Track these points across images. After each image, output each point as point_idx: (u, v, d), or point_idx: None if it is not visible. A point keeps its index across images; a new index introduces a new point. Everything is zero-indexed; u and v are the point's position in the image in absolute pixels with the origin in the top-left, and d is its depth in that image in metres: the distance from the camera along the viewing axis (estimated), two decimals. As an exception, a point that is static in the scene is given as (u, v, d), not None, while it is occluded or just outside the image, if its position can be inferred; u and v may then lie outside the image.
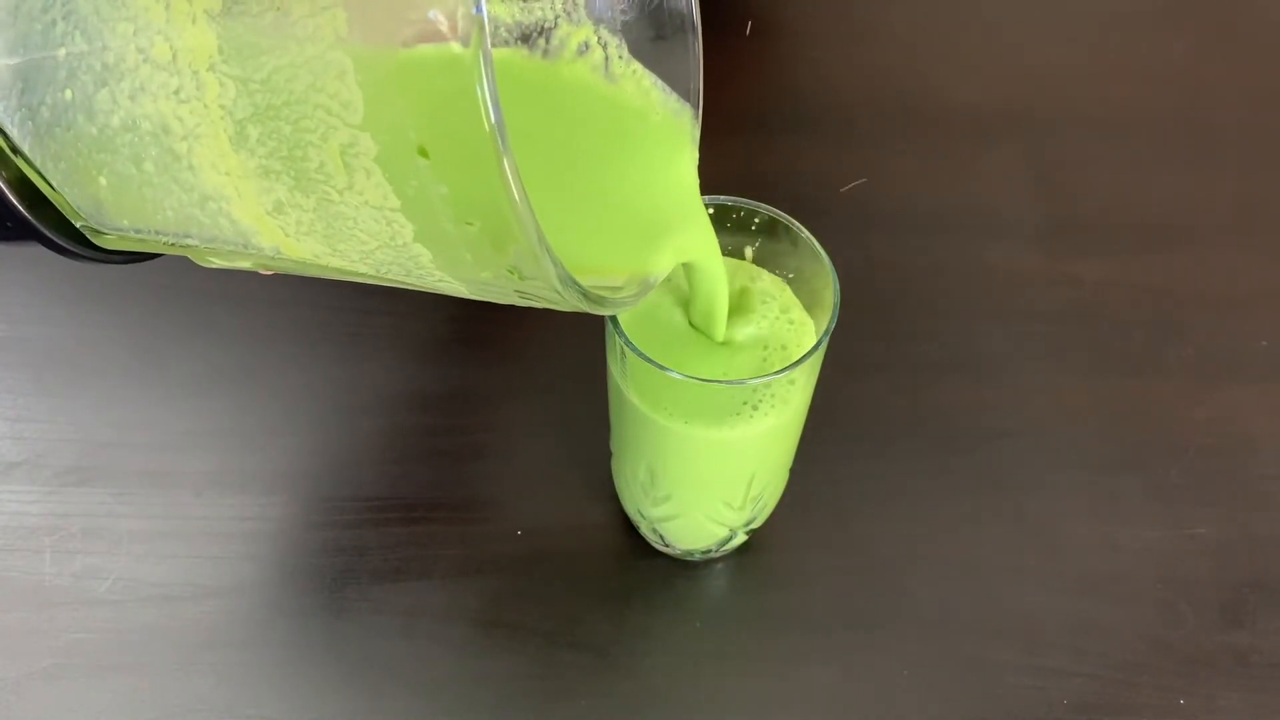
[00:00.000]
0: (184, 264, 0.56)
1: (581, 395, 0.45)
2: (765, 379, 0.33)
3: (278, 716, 0.40)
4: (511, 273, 0.21)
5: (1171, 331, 0.52)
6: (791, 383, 0.34)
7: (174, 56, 0.21)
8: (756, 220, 0.37)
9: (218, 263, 0.27)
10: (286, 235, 0.23)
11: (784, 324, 0.36)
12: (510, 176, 0.18)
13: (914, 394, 0.49)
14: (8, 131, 0.25)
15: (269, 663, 0.41)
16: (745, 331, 0.36)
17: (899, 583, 0.44)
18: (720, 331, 0.35)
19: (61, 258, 0.27)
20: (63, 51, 0.23)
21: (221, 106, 0.21)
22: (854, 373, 0.48)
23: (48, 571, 0.43)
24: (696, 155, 0.32)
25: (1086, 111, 0.62)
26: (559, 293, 0.22)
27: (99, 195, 0.25)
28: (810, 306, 0.37)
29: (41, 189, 0.26)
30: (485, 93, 0.18)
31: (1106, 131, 0.61)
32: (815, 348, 0.33)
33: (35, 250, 0.27)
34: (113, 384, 0.49)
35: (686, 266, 0.33)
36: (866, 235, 0.55)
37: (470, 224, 0.20)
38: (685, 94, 0.32)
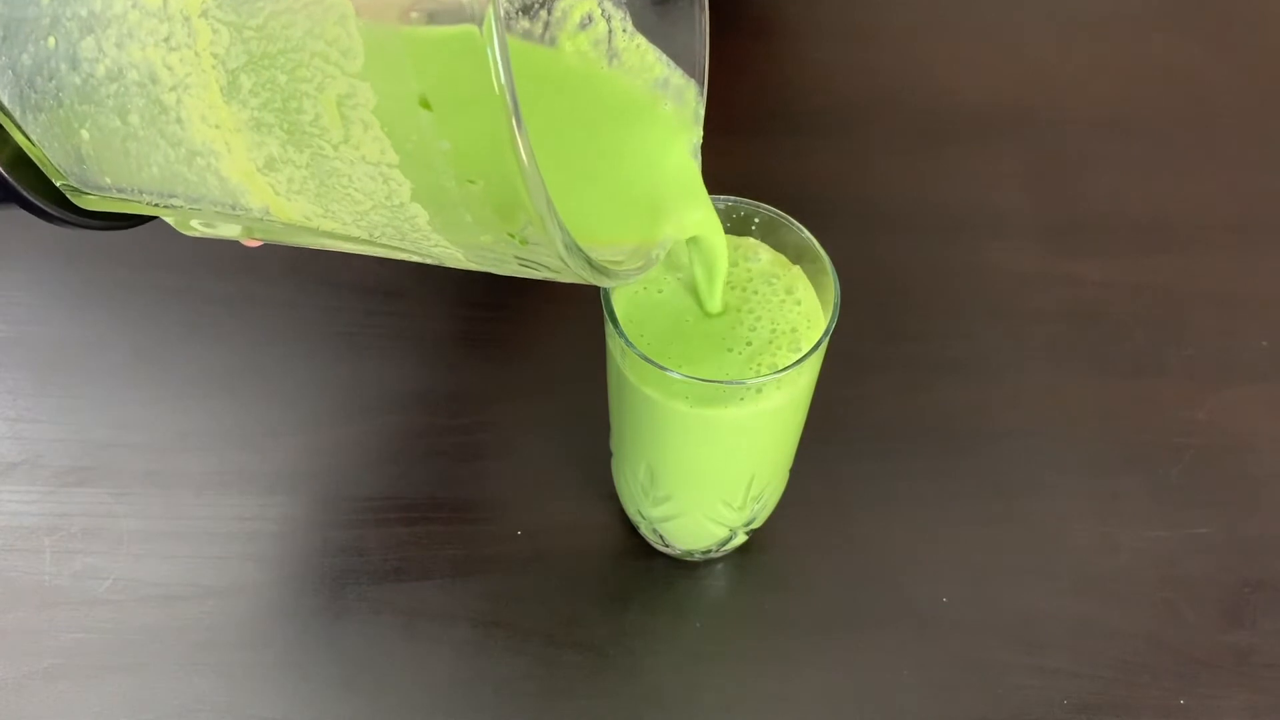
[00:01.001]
0: (185, 264, 0.56)
1: (581, 395, 0.45)
2: (766, 379, 0.33)
3: (278, 716, 0.40)
4: (513, 237, 0.20)
5: (1171, 331, 0.52)
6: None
7: (164, 1, 0.20)
8: (756, 220, 0.37)
9: (200, 229, 0.26)
10: (277, 194, 0.22)
11: (790, 305, 0.36)
12: (518, 132, 0.18)
13: (914, 394, 0.49)
14: None
15: (269, 663, 0.41)
16: (741, 304, 0.36)
17: (899, 583, 0.44)
18: (716, 304, 0.35)
19: (45, 222, 0.26)
20: None
21: (214, 55, 0.20)
22: (854, 373, 0.48)
23: (48, 571, 0.43)
24: (700, 131, 0.32)
25: (1086, 111, 0.62)
26: (563, 260, 0.21)
27: (81, 150, 0.24)
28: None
29: (20, 144, 0.24)
30: (495, 46, 0.17)
31: (1106, 131, 0.61)
32: (815, 348, 0.33)
33: (35, 250, 0.27)
34: (113, 384, 0.49)
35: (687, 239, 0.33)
36: (866, 235, 0.55)
37: (473, 182, 0.19)
38: (690, 69, 0.31)
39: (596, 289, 0.34)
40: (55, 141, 0.24)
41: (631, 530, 0.44)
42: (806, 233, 0.36)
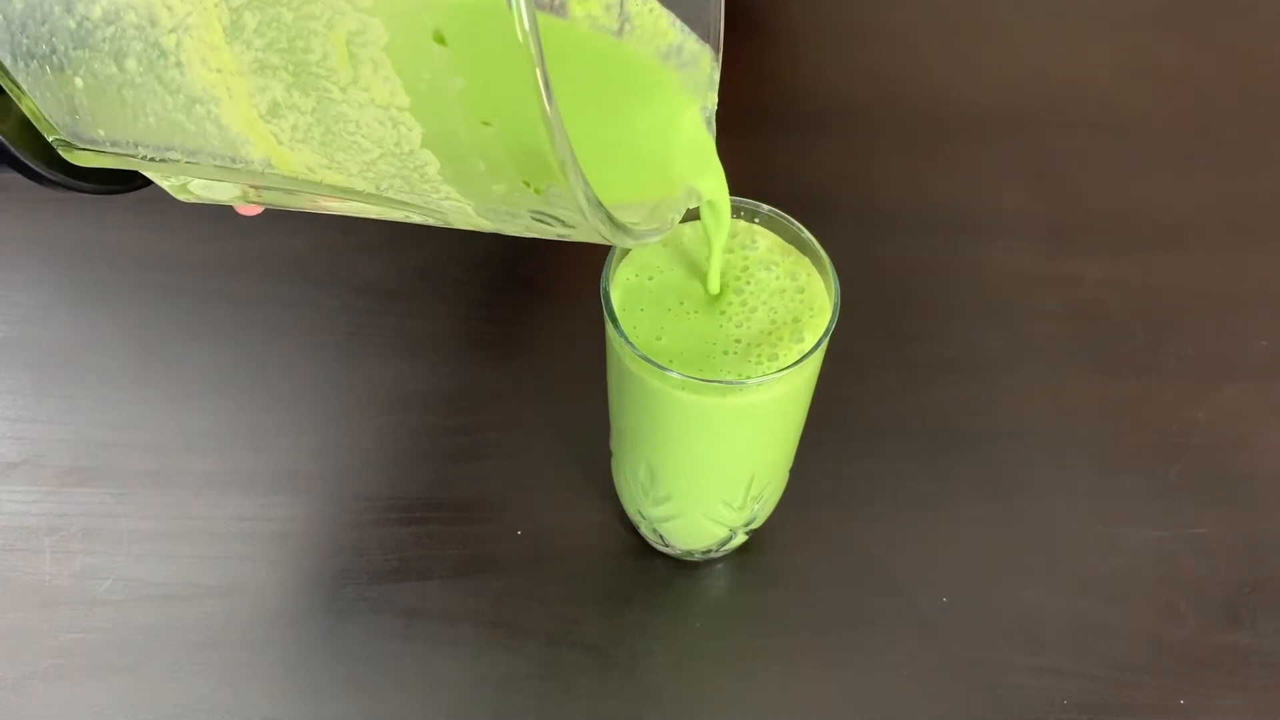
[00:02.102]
0: (185, 264, 0.56)
1: (581, 395, 0.45)
2: (766, 379, 0.33)
3: (278, 716, 0.40)
4: (528, 185, 0.19)
5: (1171, 331, 0.52)
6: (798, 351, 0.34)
7: None
8: (756, 219, 0.37)
9: (197, 193, 0.25)
10: (280, 143, 0.21)
11: (793, 293, 0.36)
12: (539, 66, 0.17)
13: (914, 394, 0.49)
14: None
15: (269, 663, 0.41)
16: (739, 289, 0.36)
17: (899, 583, 0.44)
18: (715, 278, 0.35)
19: (39, 184, 0.25)
20: None
21: None
22: (854, 373, 0.48)
23: (48, 571, 0.43)
24: (714, 97, 0.31)
25: (1086, 111, 0.62)
26: (583, 212, 0.19)
27: (74, 100, 0.23)
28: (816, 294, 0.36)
29: (11, 94, 0.23)
30: None
31: (1106, 131, 0.61)
32: (815, 348, 0.33)
33: (35, 250, 0.27)
34: (113, 384, 0.49)
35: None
36: (866, 235, 0.55)
37: (488, 124, 0.18)
38: (705, 35, 0.30)
39: (597, 284, 0.34)
40: (47, 91, 0.23)
41: (631, 530, 0.44)
42: (807, 233, 0.36)
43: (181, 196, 0.26)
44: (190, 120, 0.22)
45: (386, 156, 0.20)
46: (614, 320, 0.34)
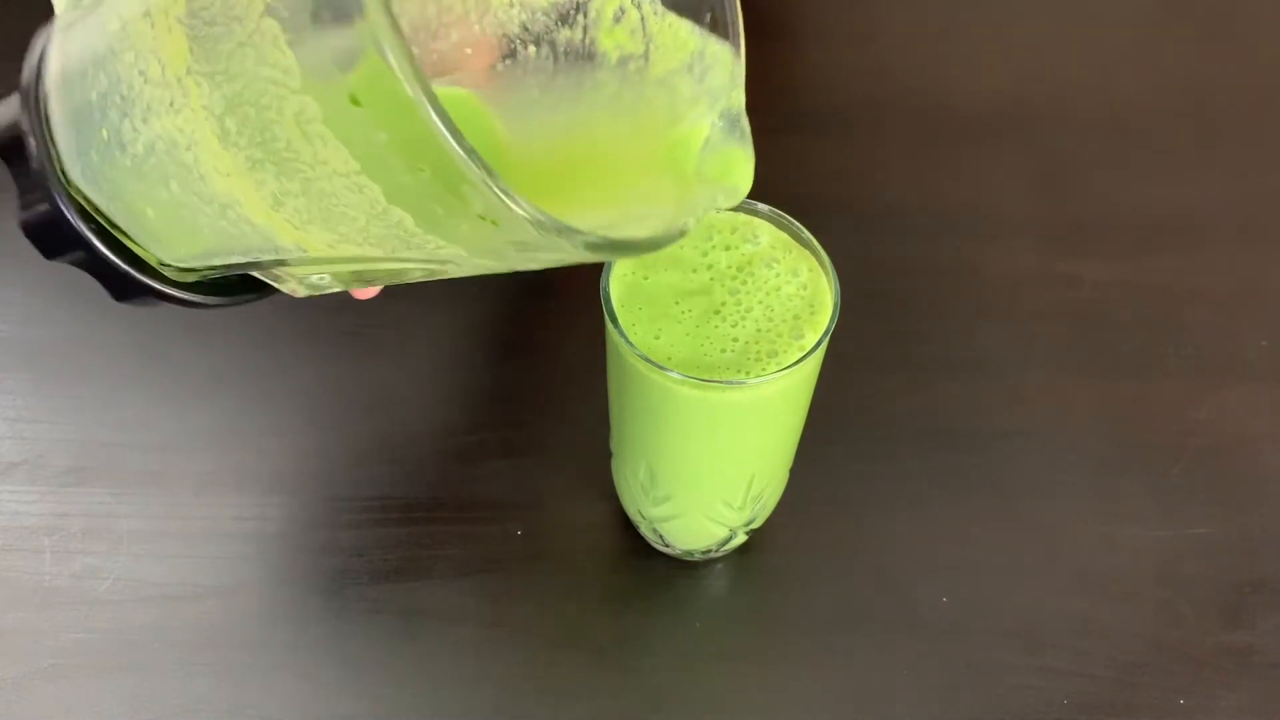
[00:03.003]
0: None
1: (581, 395, 0.45)
2: (766, 378, 0.33)
3: (278, 716, 0.40)
4: (483, 219, 0.20)
5: (1171, 331, 0.52)
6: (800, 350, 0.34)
7: (162, 70, 0.22)
8: (756, 220, 0.37)
9: (302, 290, 0.28)
10: (296, 228, 0.23)
11: (794, 291, 0.36)
12: (422, 97, 0.18)
13: (914, 394, 0.49)
14: (84, 190, 0.26)
15: (269, 663, 0.41)
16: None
17: (899, 583, 0.44)
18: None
19: (180, 308, 0.28)
20: (94, 94, 0.24)
21: (204, 107, 0.22)
22: (854, 373, 0.48)
23: (48, 571, 0.43)
24: (741, 95, 0.32)
25: (1086, 111, 0.62)
26: (537, 232, 0.20)
27: (152, 228, 0.26)
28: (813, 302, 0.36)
29: (118, 235, 0.27)
30: (382, 18, 0.17)
31: (1106, 131, 0.61)
32: (815, 347, 0.33)
33: (35, 250, 0.28)
34: (113, 384, 0.49)
35: None
36: (866, 235, 0.55)
37: (421, 170, 0.20)
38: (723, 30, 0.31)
39: (597, 284, 0.35)
40: (132, 223, 0.26)
41: (631, 530, 0.44)
42: (807, 233, 0.36)
43: (301, 293, 0.29)
44: (230, 224, 0.24)
45: (372, 220, 0.22)
46: (614, 319, 0.34)
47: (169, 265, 0.27)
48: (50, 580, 0.43)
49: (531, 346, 0.51)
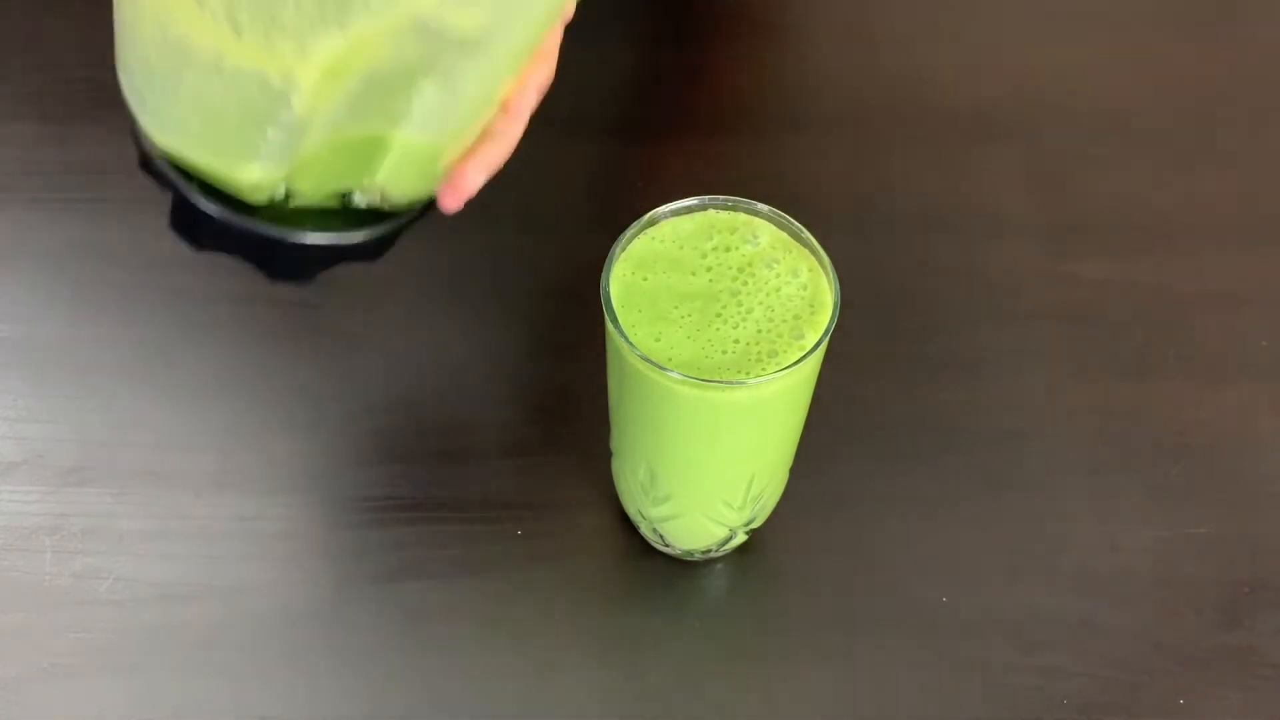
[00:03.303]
0: (185, 264, 0.56)
1: (582, 395, 0.45)
2: (766, 379, 0.33)
3: (278, 716, 0.40)
4: None
5: (1171, 331, 0.52)
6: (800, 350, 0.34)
7: None
8: (757, 220, 0.37)
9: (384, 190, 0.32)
10: (265, 50, 0.26)
11: (795, 290, 0.36)
12: None
13: (914, 394, 0.49)
14: (167, 144, 0.28)
15: (269, 663, 0.41)
16: None
17: (899, 583, 0.44)
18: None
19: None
20: (135, 45, 0.27)
21: None
22: (854, 373, 0.48)
23: (48, 571, 0.43)
24: None
25: (1086, 111, 0.62)
26: None
27: (213, 140, 0.28)
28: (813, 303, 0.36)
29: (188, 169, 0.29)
30: None
31: (1106, 131, 0.61)
32: (815, 346, 0.33)
33: (35, 250, 0.28)
34: (113, 384, 0.49)
35: None
36: (866, 235, 0.55)
37: None
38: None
39: (597, 284, 0.35)
40: (205, 148, 0.28)
41: (631, 530, 0.44)
42: (807, 233, 0.36)
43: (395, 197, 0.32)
44: (229, 80, 0.27)
45: None
46: (614, 319, 0.34)
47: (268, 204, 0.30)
48: (51, 580, 0.43)
49: (532, 346, 0.51)
